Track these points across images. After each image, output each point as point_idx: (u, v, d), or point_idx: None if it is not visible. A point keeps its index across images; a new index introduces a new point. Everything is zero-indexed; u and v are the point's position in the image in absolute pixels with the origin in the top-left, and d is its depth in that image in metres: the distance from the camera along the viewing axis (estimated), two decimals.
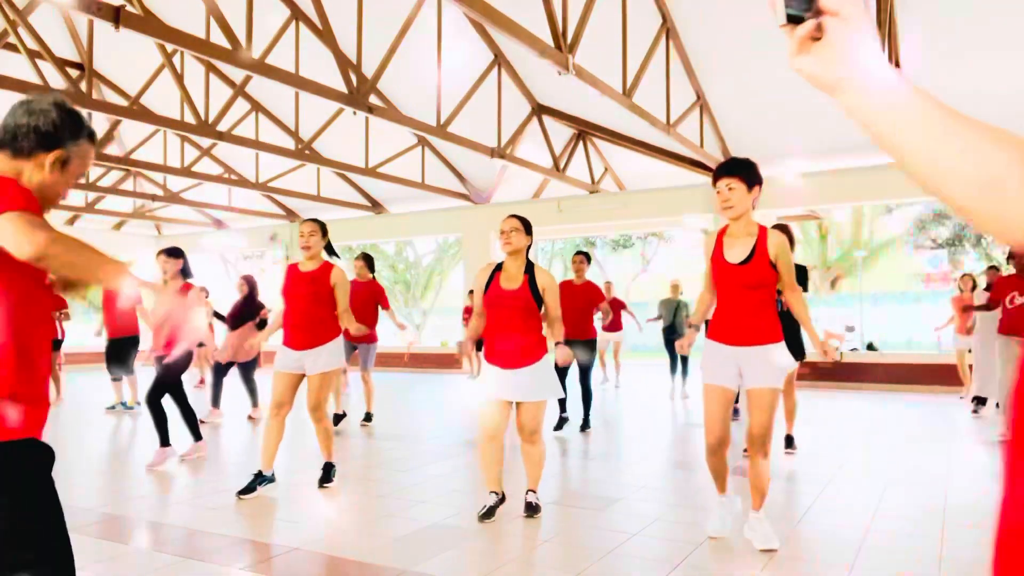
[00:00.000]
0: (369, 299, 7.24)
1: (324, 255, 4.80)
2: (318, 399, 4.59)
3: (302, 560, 3.33)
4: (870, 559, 3.26)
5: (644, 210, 12.57)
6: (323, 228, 4.77)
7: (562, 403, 7.14)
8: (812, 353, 5.27)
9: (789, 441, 5.81)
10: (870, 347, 12.08)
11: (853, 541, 3.52)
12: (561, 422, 7.12)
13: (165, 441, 5.48)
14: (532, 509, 4.01)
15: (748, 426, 3.34)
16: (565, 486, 4.89)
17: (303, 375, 4.62)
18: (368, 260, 7.56)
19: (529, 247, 4.07)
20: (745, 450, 5.86)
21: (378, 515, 4.14)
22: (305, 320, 4.58)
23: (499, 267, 4.05)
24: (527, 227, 4.04)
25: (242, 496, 4.46)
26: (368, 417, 7.58)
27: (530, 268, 4.01)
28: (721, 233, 3.47)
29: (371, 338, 7.53)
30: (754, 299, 3.33)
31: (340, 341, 4.71)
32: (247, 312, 7.85)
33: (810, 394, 9.76)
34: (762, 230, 3.36)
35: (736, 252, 3.36)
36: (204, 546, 3.59)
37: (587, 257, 7.25)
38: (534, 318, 3.99)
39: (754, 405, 3.33)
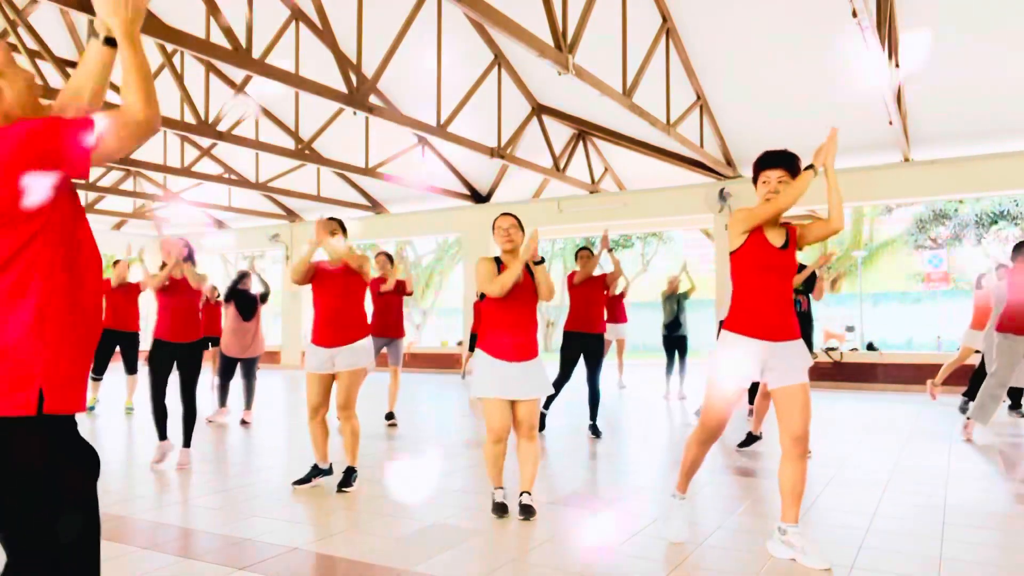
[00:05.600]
0: (393, 294, 7.53)
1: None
2: (348, 397, 4.60)
3: (302, 560, 3.33)
4: (870, 559, 3.26)
5: (644, 210, 12.57)
6: (343, 228, 4.80)
7: (547, 401, 6.99)
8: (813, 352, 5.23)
9: None
10: (870, 347, 12.08)
11: (853, 541, 3.52)
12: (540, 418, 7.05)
13: (187, 442, 5.42)
14: (529, 512, 3.92)
15: (792, 429, 3.22)
16: (565, 486, 4.89)
17: (333, 375, 4.64)
18: (391, 258, 7.76)
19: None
20: (741, 444, 5.92)
21: (378, 515, 4.14)
22: (335, 316, 4.61)
23: (498, 261, 4.05)
24: (521, 225, 4.14)
25: (297, 486, 4.64)
26: (390, 417, 7.55)
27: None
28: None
29: (398, 333, 7.66)
30: (785, 290, 3.32)
31: (370, 340, 4.75)
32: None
33: (810, 394, 9.73)
34: (789, 224, 3.41)
35: (775, 238, 3.34)
36: (203, 546, 3.59)
37: (591, 252, 7.05)
38: (535, 312, 4.10)
39: (794, 404, 3.23)
